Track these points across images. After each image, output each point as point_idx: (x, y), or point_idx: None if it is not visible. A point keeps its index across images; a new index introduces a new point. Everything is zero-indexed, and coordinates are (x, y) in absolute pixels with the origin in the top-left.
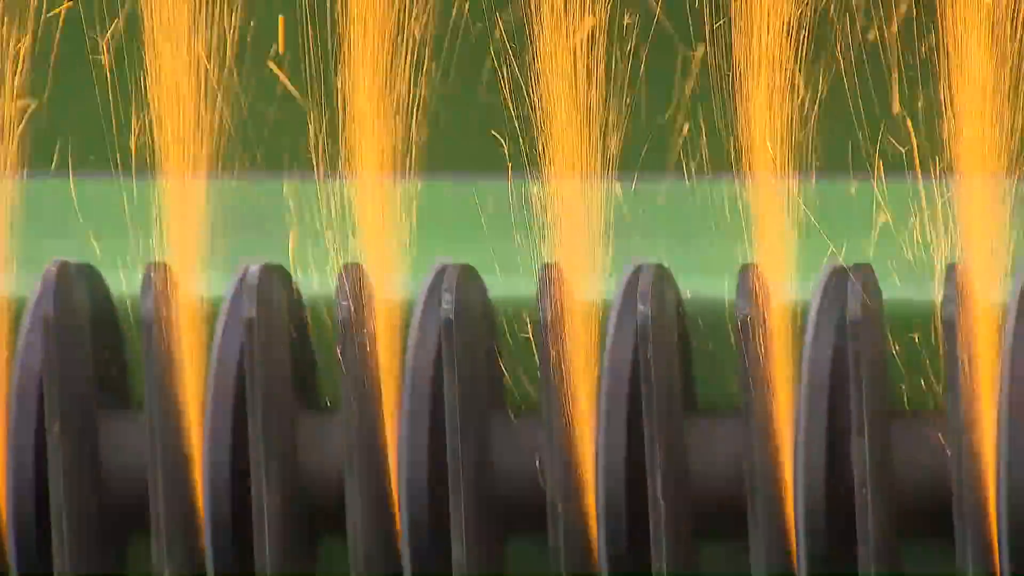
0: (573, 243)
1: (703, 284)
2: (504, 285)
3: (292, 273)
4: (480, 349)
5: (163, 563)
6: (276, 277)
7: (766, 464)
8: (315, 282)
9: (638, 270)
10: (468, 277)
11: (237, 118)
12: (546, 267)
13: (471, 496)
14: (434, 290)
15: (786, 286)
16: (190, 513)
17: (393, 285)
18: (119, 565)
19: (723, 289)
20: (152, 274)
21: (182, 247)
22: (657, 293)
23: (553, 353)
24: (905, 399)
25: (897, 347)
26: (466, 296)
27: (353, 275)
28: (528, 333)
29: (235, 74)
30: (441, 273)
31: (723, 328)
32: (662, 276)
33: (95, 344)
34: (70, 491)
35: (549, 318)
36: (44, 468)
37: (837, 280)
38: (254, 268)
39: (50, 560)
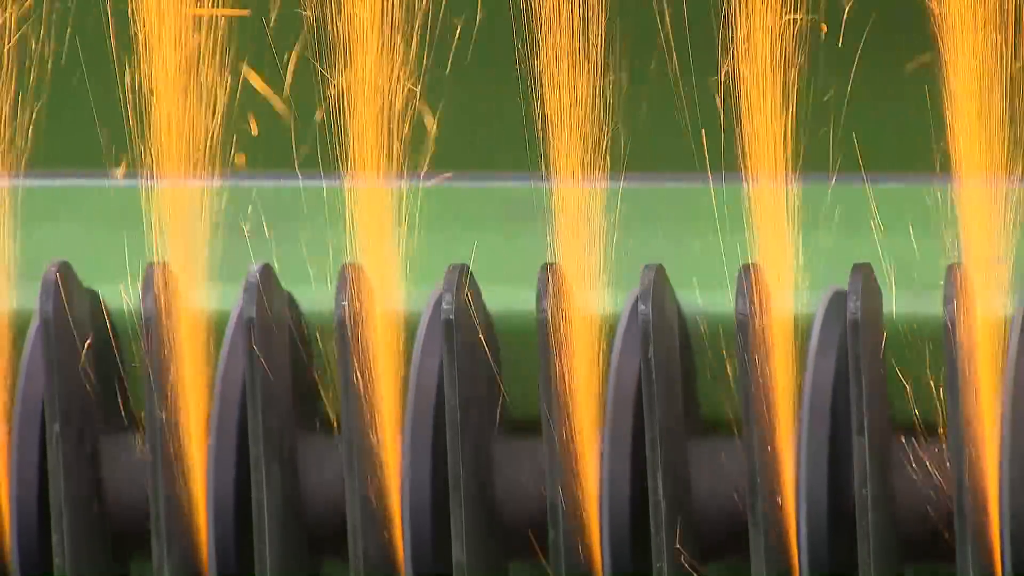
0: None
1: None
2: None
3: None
4: (480, 350)
5: (163, 563)
6: (275, 280)
7: (767, 474)
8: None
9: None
10: (469, 278)
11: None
12: (546, 267)
13: (471, 498)
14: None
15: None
16: (190, 513)
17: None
18: (120, 566)
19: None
20: (152, 274)
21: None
22: (658, 294)
23: (553, 356)
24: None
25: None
26: (468, 297)
27: (353, 275)
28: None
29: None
30: (452, 274)
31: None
32: (663, 278)
33: (94, 363)
34: (70, 491)
35: (549, 319)
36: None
37: (839, 303)
38: (254, 268)
39: (51, 561)
